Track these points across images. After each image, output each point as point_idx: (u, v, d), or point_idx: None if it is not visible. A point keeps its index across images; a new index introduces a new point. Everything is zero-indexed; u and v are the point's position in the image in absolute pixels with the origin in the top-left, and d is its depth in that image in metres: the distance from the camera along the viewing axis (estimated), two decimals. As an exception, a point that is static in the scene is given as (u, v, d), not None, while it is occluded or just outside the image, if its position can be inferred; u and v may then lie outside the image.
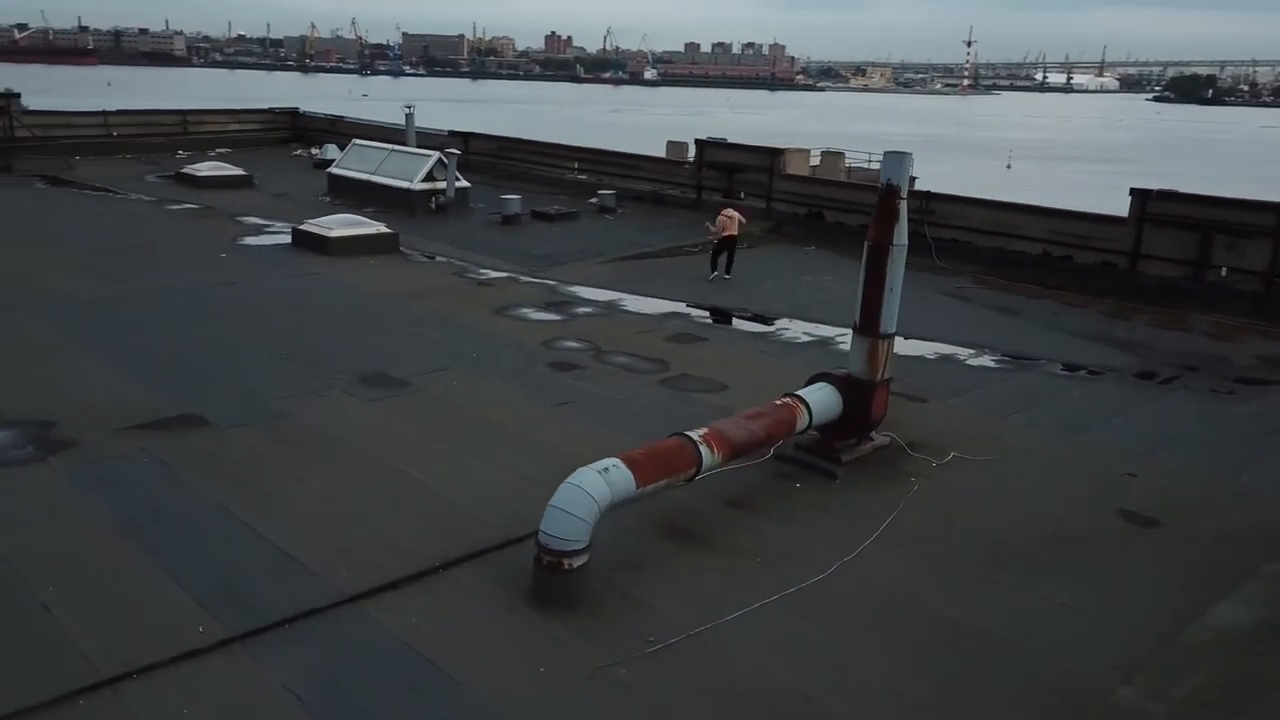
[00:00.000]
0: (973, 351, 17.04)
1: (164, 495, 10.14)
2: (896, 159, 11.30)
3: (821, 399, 11.25)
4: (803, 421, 10.96)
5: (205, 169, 31.04)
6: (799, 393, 11.28)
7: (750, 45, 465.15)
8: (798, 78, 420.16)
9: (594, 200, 28.80)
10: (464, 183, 28.32)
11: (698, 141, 29.09)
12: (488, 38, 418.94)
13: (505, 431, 12.35)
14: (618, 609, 8.44)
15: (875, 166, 49.96)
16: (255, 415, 12.43)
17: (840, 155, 47.49)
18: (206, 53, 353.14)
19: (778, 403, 11.01)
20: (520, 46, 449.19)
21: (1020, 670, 7.92)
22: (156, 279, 19.31)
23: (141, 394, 12.95)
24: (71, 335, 15.44)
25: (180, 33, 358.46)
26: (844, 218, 25.12)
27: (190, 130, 39.06)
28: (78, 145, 35.86)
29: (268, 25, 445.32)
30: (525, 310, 18.41)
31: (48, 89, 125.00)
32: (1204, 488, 11.69)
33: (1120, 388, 15.51)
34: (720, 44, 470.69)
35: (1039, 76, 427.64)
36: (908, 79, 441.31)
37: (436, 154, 27.94)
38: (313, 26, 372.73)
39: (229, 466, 10.94)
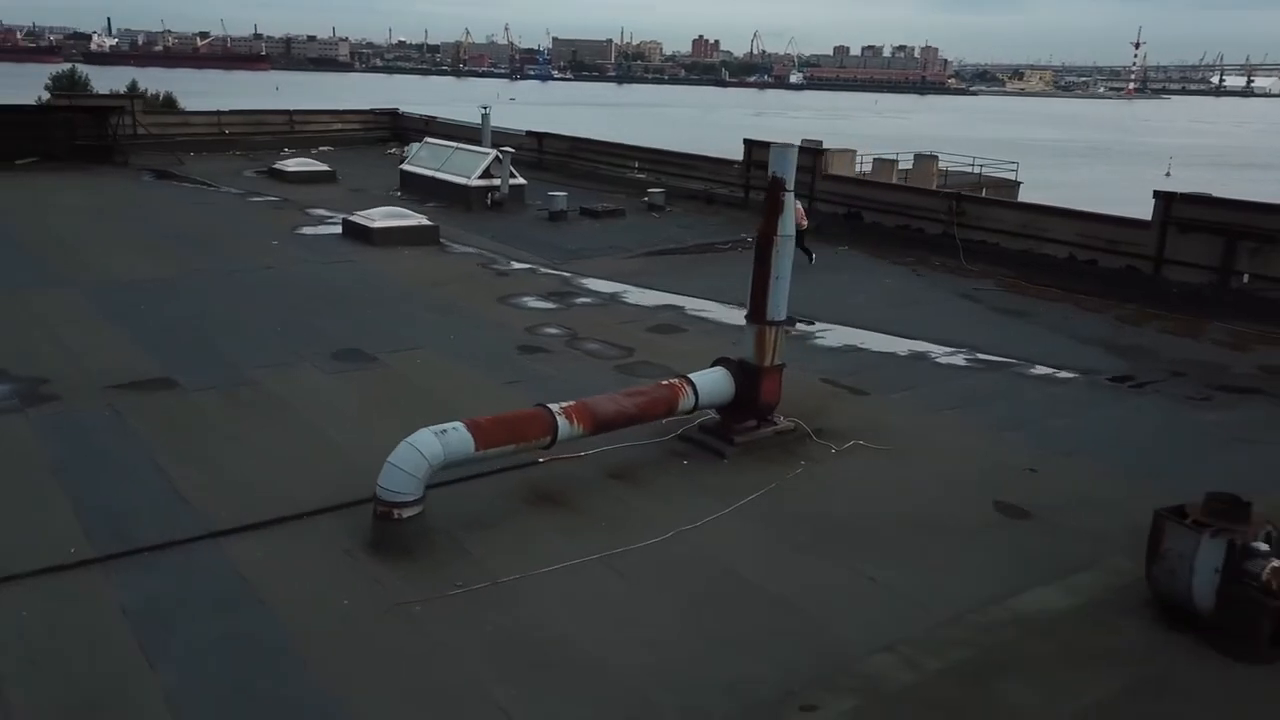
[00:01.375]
0: (949, 350, 17.08)
1: (103, 441, 11.51)
2: (781, 152, 11.68)
3: (710, 381, 11.79)
4: (686, 402, 11.51)
5: (293, 165, 33.26)
6: (690, 375, 11.84)
7: (902, 48, 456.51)
8: (950, 81, 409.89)
9: (645, 198, 29.56)
10: (520, 180, 29.53)
11: (745, 141, 29.51)
12: (635, 42, 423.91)
13: (442, 404, 13.18)
14: (444, 558, 9.25)
15: (974, 170, 49.32)
16: (224, 381, 13.75)
17: (934, 159, 47.05)
18: (368, 58, 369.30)
19: (664, 383, 11.62)
20: (668, 50, 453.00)
21: (794, 633, 8.36)
22: (207, 262, 21.13)
23: (136, 360, 14.47)
24: (103, 309, 17.19)
25: (345, 39, 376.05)
26: (881, 219, 25.17)
27: (296, 129, 41.70)
28: (193, 142, 38.82)
29: (425, 31, 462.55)
30: (527, 299, 19.37)
31: (222, 92, 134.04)
32: (1102, 488, 11.65)
33: (1085, 391, 15.36)
34: (870, 47, 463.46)
35: (1215, 79, 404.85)
36: (1068, 82, 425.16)
37: (494, 152, 29.23)
38: (466, 32, 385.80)
39: (174, 422, 12.25)
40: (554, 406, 10.34)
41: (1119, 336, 18.38)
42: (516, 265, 22.39)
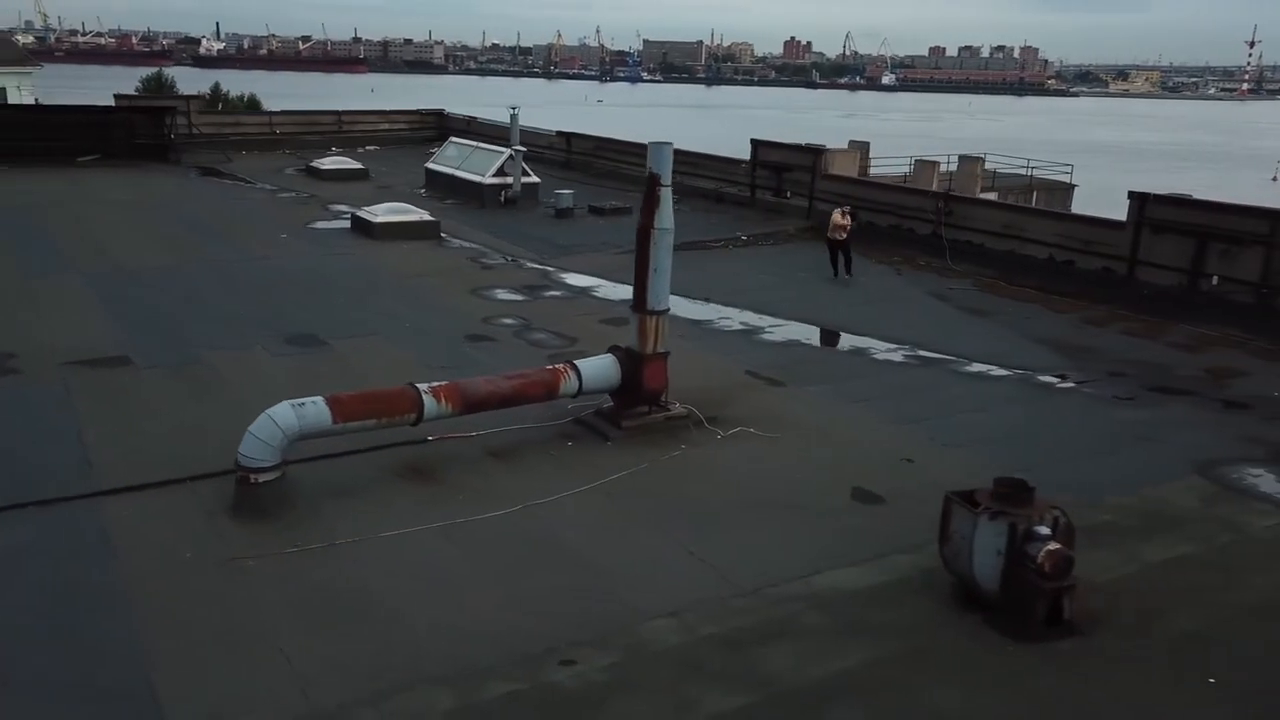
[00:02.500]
0: (892, 347, 17.32)
1: (40, 409, 12.66)
2: (658, 148, 12.23)
3: (596, 367, 12.39)
4: (568, 386, 12.14)
5: (329, 163, 34.71)
6: (576, 361, 12.46)
7: (1000, 48, 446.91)
8: (1049, 82, 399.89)
9: (654, 197, 30.09)
10: (534, 178, 30.39)
11: (752, 141, 29.85)
12: (726, 44, 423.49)
13: (371, 385, 14.11)
14: (295, 520, 10.04)
15: (1025, 172, 48.53)
16: (175, 360, 14.84)
17: (979, 160, 46.59)
18: (462, 60, 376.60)
19: (547, 367, 12.27)
20: (759, 52, 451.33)
21: (590, 597, 8.92)
22: (212, 253, 22.45)
23: (104, 340, 15.67)
24: (97, 294, 18.50)
25: (440, 42, 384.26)
26: (875, 218, 25.31)
27: (344, 129, 43.33)
28: (245, 142, 40.68)
29: (518, 34, 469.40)
30: (499, 291, 20.18)
31: (319, 94, 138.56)
32: (969, 480, 11.79)
33: (1009, 388, 15.51)
34: (967, 47, 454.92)
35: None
36: (1177, 83, 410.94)
37: (509, 151, 30.14)
38: (558, 35, 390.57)
39: (112, 394, 13.35)
40: (422, 385, 11.07)
41: (1075, 337, 18.36)
42: (505, 259, 23.23)
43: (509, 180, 29.63)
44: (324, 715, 7.17)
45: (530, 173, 30.30)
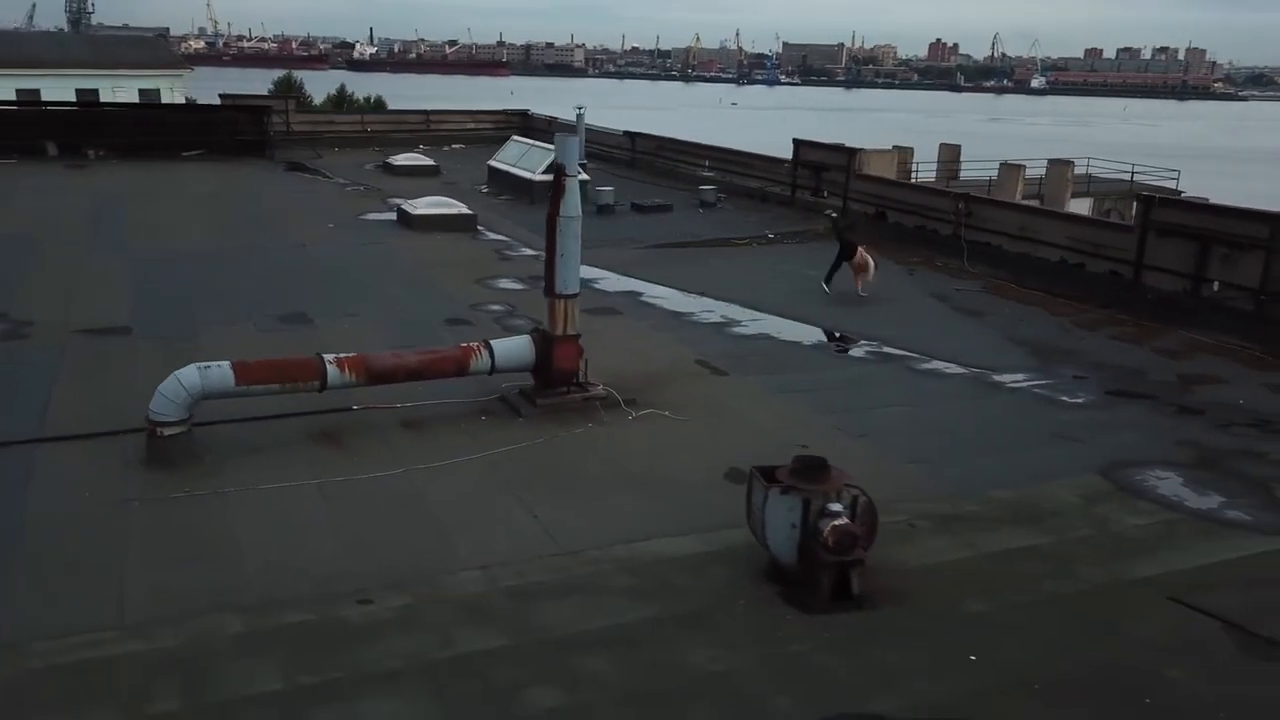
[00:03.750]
0: (860, 343, 17.52)
1: (27, 368, 14.19)
2: (563, 141, 12.92)
3: (510, 347, 13.17)
4: (479, 364, 12.95)
5: (403, 159, 36.47)
6: (492, 340, 13.27)
7: (1163, 50, 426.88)
8: (1216, 85, 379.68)
9: (697, 195, 30.69)
10: (584, 176, 31.26)
11: (794, 141, 30.03)
12: (869, 46, 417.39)
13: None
14: (195, 471, 11.11)
15: (1125, 178, 46.85)
16: (170, 333, 16.26)
17: (1068, 164, 45.34)
18: (601, 64, 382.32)
19: (461, 345, 13.12)
20: (904, 54, 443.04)
21: (421, 548, 9.70)
22: (257, 240, 24.17)
23: (117, 313, 17.27)
24: (132, 274, 20.26)
25: (581, 46, 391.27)
26: (903, 219, 25.27)
27: (431, 128, 45.27)
28: (338, 139, 43.00)
29: (657, 38, 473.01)
30: (504, 280, 21.14)
31: (461, 96, 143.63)
32: (852, 467, 12.15)
33: (957, 385, 15.58)
34: (1126, 49, 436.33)
35: None
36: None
37: (560, 149, 31.11)
38: (697, 38, 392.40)
39: (96, 358, 14.82)
40: (329, 356, 12.07)
41: (1059, 340, 18.15)
42: (527, 251, 24.19)
43: (558, 177, 30.55)
44: (125, 628, 8.17)
45: (580, 170, 31.18)
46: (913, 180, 46.90)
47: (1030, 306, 20.32)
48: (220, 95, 44.62)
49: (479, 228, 26.43)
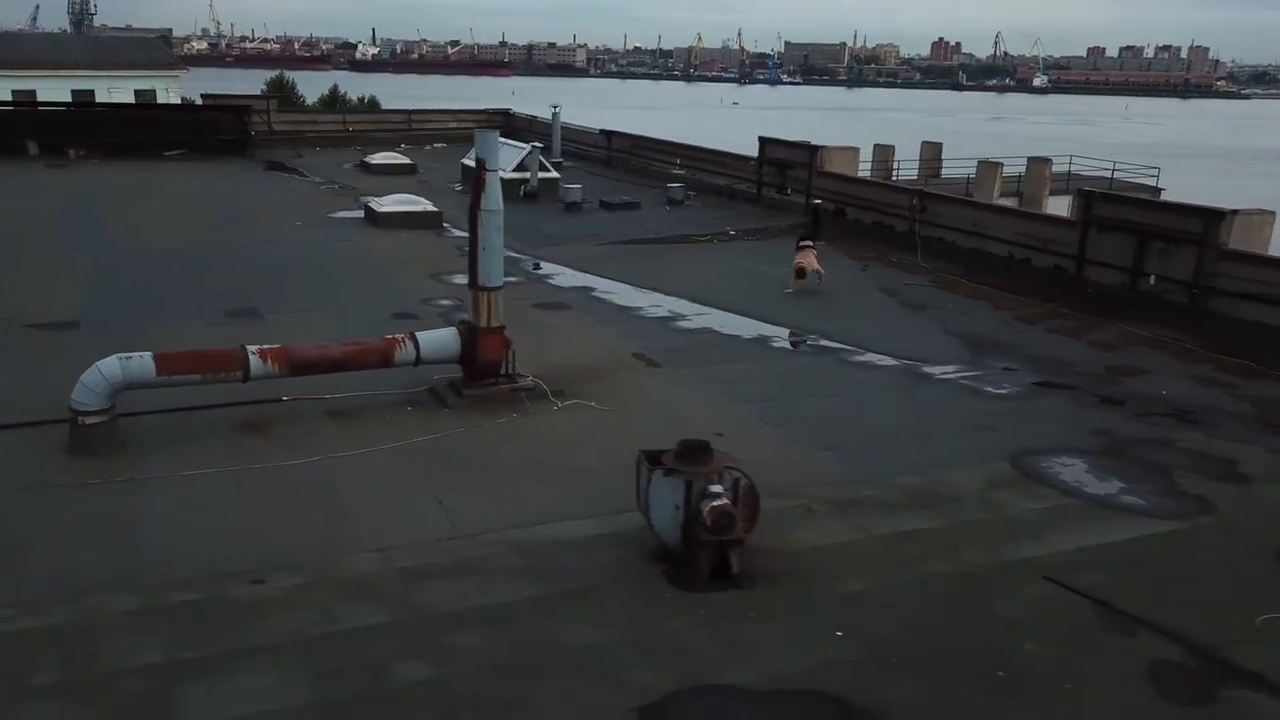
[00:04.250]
0: (801, 336, 17.81)
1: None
2: (483, 138, 13.23)
3: (436, 339, 13.48)
4: (404, 355, 13.26)
5: (380, 158, 36.80)
6: (418, 332, 13.59)
7: (1166, 48, 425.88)
8: (1219, 84, 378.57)
9: (665, 193, 31.00)
10: (552, 174, 31.65)
11: (760, 139, 30.32)
12: (871, 46, 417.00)
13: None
14: (118, 459, 11.43)
15: (1107, 175, 46.96)
16: (118, 327, 16.55)
17: (1046, 162, 45.49)
18: (604, 64, 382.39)
19: (386, 336, 13.44)
20: (907, 54, 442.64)
21: (324, 532, 10.02)
22: (226, 237, 24.50)
23: (70, 309, 17.61)
24: (96, 271, 20.58)
25: (584, 45, 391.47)
26: (861, 215, 25.55)
27: (413, 127, 45.61)
28: (320, 139, 43.36)
29: (659, 37, 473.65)
30: (458, 276, 21.23)
31: (462, 96, 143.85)
32: (765, 454, 12.49)
33: (883, 377, 15.90)
34: (1129, 47, 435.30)
35: None
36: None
37: (529, 146, 31.49)
38: (698, 37, 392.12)
39: (41, 353, 15.13)
40: (252, 347, 12.40)
41: (997, 333, 18.43)
42: (489, 249, 24.48)
43: (527, 175, 30.94)
44: (19, 605, 8.50)
45: (549, 168, 31.58)
46: (893, 179, 47.21)
47: (976, 301, 20.61)
48: (202, 95, 44.99)
49: (444, 224, 26.74)
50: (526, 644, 8.28)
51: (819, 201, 24.11)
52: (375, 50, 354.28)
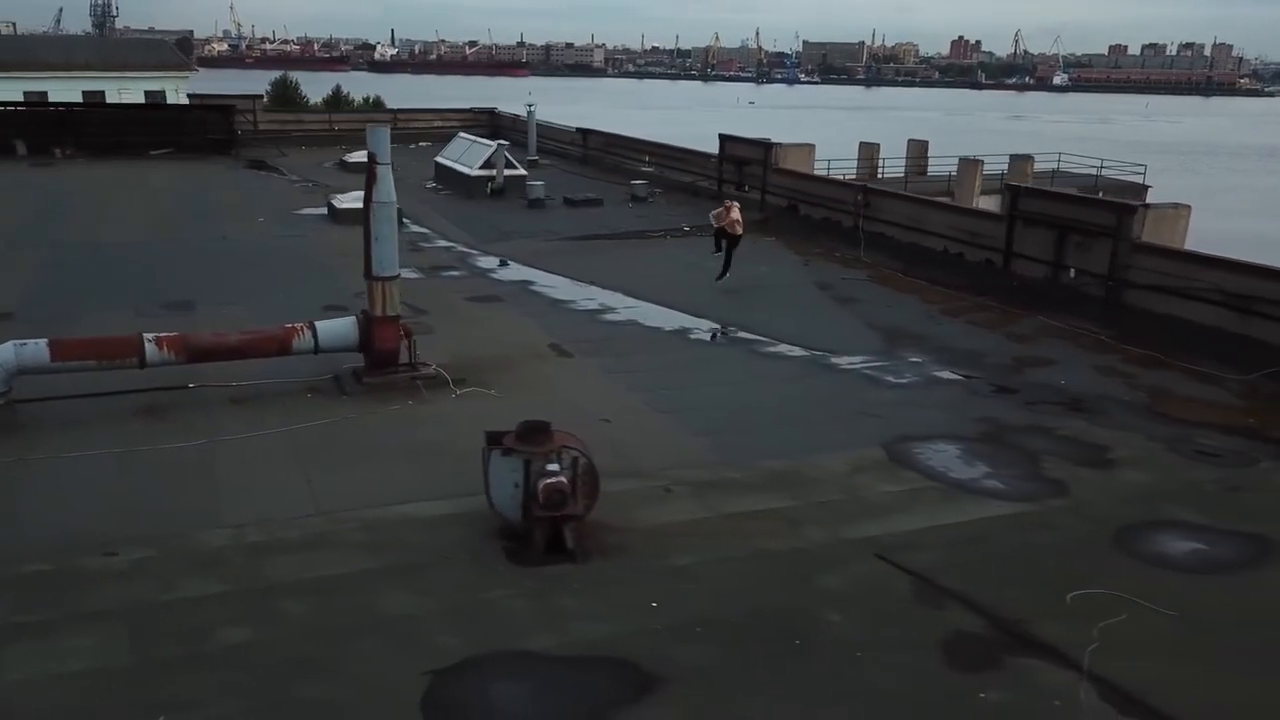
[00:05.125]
0: (717, 329, 18.16)
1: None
2: (374, 132, 13.65)
3: (334, 328, 13.93)
4: (302, 343, 13.72)
5: (357, 157, 37.14)
6: (317, 321, 14.04)
7: (1189, 46, 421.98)
8: (1241, 82, 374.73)
9: (629, 190, 31.39)
10: (519, 170, 32.12)
11: (720, 136, 30.65)
12: (890, 45, 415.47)
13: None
14: (11, 440, 11.96)
15: (1093, 173, 46.89)
16: (49, 319, 17.02)
17: (1029, 159, 45.64)
18: (621, 64, 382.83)
19: (285, 325, 13.91)
20: (926, 52, 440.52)
21: (192, 509, 10.46)
22: (185, 233, 25.09)
23: (11, 301, 18.18)
24: (45, 263, 21.24)
25: (601, 46, 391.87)
26: (811, 211, 25.85)
27: (399, 126, 46.07)
28: (305, 137, 44.03)
29: (676, 37, 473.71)
30: (403, 271, 21.86)
31: (478, 96, 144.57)
32: (647, 438, 12.89)
33: (787, 366, 16.25)
34: (1151, 45, 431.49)
35: None
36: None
37: (496, 145, 31.97)
38: (716, 37, 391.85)
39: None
40: (149, 335, 12.89)
41: (916, 325, 18.71)
42: (443, 244, 25.03)
43: (494, 172, 31.42)
44: (-127, 575, 9.00)
45: (516, 165, 32.04)
46: (878, 176, 47.41)
47: (907, 295, 20.88)
48: (188, 95, 45.67)
49: (404, 220, 27.16)
50: (347, 611, 8.70)
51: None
52: (394, 51, 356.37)
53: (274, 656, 8.03)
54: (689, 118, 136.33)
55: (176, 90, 71.82)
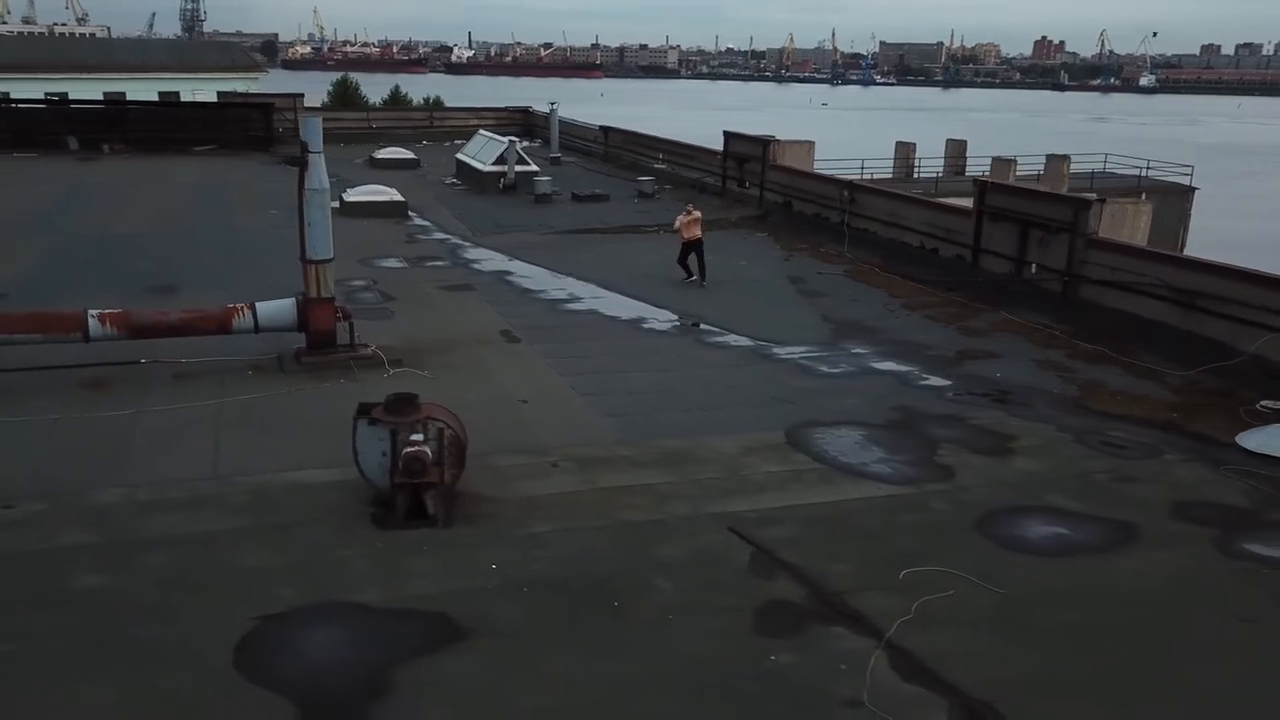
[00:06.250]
0: (673, 319, 18.53)
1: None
2: (307, 122, 14.32)
3: (273, 309, 14.65)
4: (241, 323, 14.47)
5: (386, 153, 38.45)
6: (258, 302, 14.78)
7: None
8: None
9: (635, 186, 31.84)
10: (532, 167, 32.77)
11: (725, 133, 30.90)
12: (970, 45, 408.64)
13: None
14: (-43, 407, 12.92)
15: (1135, 174, 46.07)
16: (39, 300, 18.08)
17: (1065, 159, 45.04)
18: (695, 65, 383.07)
19: (227, 305, 14.67)
20: (1008, 53, 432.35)
21: (95, 472, 11.21)
22: (192, 224, 26.23)
23: (7, 283, 19.32)
24: (49, 250, 22.43)
25: (676, 47, 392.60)
26: (804, 207, 26.03)
27: (435, 124, 47.29)
28: (346, 135, 45.22)
29: (750, 38, 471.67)
30: (388, 260, 22.71)
31: (550, 97, 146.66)
32: (554, 415, 13.36)
33: (729, 355, 16.56)
34: (1246, 44, 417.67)
35: None
36: None
37: (508, 141, 32.68)
38: (790, 38, 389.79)
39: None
40: (93, 311, 13.74)
41: (873, 319, 18.84)
42: (439, 236, 25.77)
43: (504, 168, 32.13)
44: None
45: (529, 161, 32.71)
46: (914, 176, 47.18)
47: (877, 289, 20.99)
48: (227, 94, 47.27)
49: (410, 213, 28.09)
50: (204, 565, 9.32)
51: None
52: (470, 53, 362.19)
53: (120, 601, 8.67)
54: (753, 119, 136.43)
55: (247, 89, 74.39)
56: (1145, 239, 35.04)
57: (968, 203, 20.59)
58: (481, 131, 37.43)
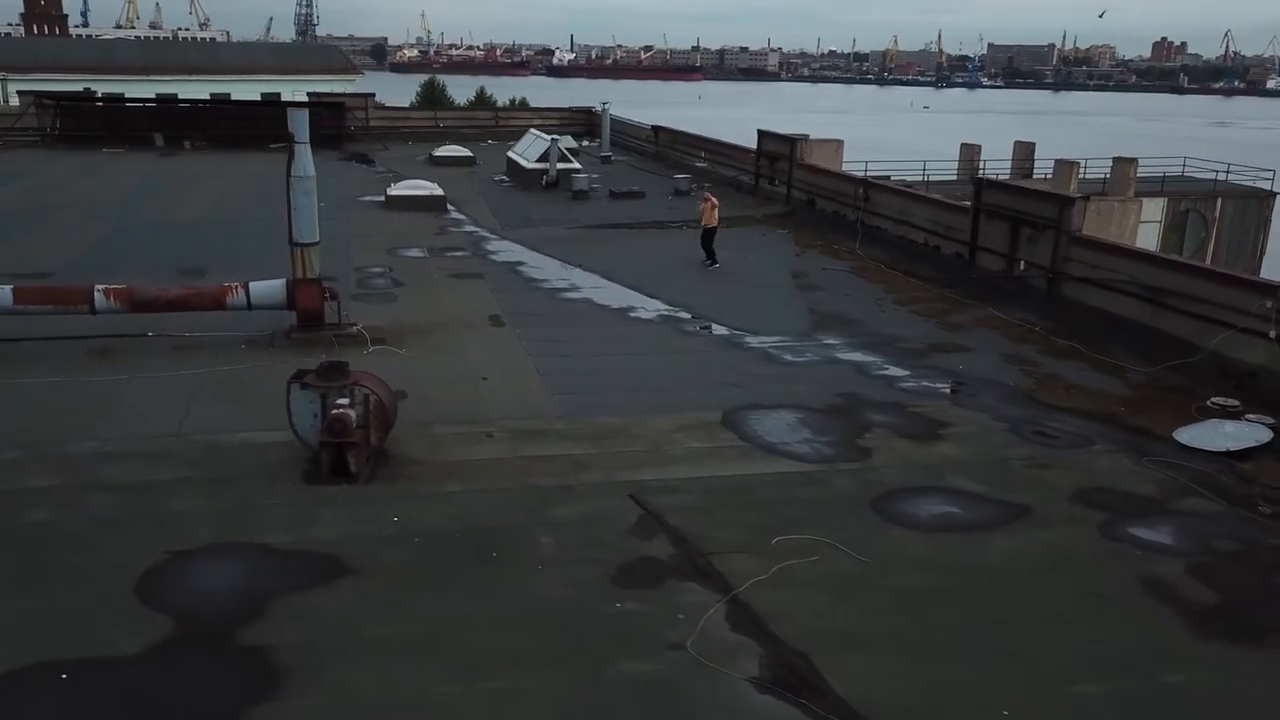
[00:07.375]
0: (663, 309, 19.16)
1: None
2: (294, 114, 15.39)
3: (264, 288, 15.83)
4: (235, 300, 15.67)
5: (443, 151, 39.86)
6: (251, 281, 15.98)
7: None
8: None
9: (672, 184, 32.53)
10: (575, 165, 33.71)
11: (758, 132, 31.31)
12: (1084, 47, 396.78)
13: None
14: (-24, 369, 14.38)
15: (1211, 177, 45.01)
16: (83, 278, 19.78)
17: (1132, 162, 44.13)
18: (796, 68, 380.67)
19: (223, 284, 15.90)
20: (1125, 55, 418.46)
21: (77, 430, 12.46)
22: (246, 214, 27.84)
23: (58, 264, 21.04)
24: (102, 236, 24.22)
25: (777, 50, 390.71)
26: (825, 204, 26.39)
27: (500, 124, 48.68)
28: (413, 134, 47.06)
29: (853, 40, 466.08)
30: (411, 250, 23.86)
31: (648, 100, 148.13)
32: (507, 390, 14.21)
33: (704, 343, 17.18)
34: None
35: None
36: None
37: (551, 139, 33.69)
38: (894, 40, 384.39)
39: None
40: (99, 286, 15.10)
41: (859, 314, 19.21)
42: (469, 228, 26.88)
43: (546, 166, 33.14)
44: None
45: (571, 158, 33.67)
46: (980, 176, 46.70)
47: (875, 285, 21.30)
48: (308, 94, 49.44)
49: (448, 207, 29.30)
50: (139, 507, 10.41)
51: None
52: (571, 56, 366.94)
53: (56, 533, 9.80)
54: (843, 123, 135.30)
55: (345, 90, 77.38)
56: (1143, 239, 34.40)
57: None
58: (532, 130, 38.57)
